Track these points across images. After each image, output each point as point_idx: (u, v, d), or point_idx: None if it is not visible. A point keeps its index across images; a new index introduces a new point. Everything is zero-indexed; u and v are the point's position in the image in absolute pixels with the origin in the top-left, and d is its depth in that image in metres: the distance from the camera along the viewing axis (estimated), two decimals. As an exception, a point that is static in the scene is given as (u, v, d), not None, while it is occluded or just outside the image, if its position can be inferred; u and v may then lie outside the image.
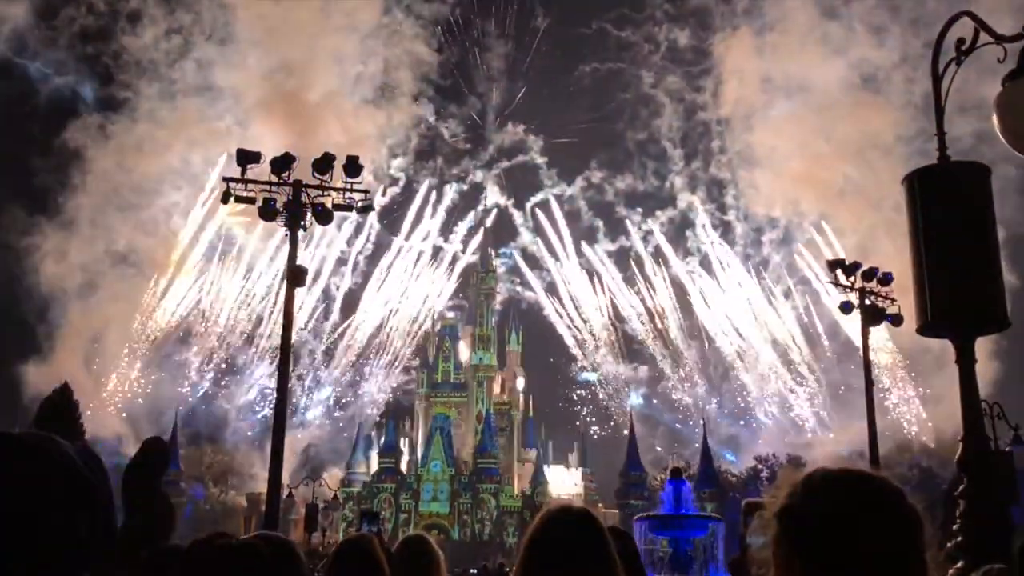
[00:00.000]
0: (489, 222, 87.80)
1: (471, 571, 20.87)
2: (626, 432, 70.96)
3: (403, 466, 71.55)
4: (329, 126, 74.09)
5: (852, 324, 23.22)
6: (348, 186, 18.55)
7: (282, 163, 17.98)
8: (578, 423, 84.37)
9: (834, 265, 22.25)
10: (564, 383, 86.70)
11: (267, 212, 18.00)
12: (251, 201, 18.17)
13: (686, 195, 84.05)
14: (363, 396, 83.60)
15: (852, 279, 21.68)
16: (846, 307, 21.79)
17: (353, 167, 18.54)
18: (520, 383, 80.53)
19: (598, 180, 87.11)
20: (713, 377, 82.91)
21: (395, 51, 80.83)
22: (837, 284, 21.95)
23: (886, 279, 21.69)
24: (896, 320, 21.94)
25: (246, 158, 18.14)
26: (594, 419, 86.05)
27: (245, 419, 77.95)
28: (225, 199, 18.32)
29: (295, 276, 17.63)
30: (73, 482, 1.22)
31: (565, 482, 71.82)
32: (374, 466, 70.86)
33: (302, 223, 17.89)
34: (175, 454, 56.93)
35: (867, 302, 21.58)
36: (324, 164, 18.16)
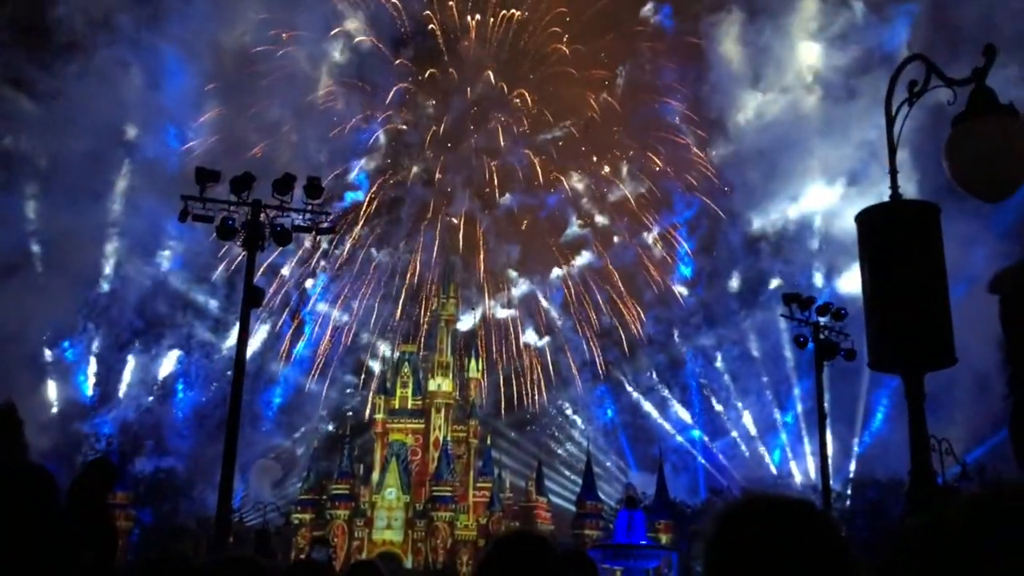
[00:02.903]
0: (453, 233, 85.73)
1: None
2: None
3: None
4: (284, 109, 72.27)
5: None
6: (308, 206, 18.48)
7: (242, 183, 17.86)
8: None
9: (789, 299, 22.62)
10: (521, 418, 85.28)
11: (225, 232, 17.85)
12: (209, 220, 18.01)
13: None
14: (312, 418, 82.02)
15: (807, 314, 22.07)
16: (801, 340, 22.15)
17: (314, 188, 18.52)
18: (478, 408, 79.87)
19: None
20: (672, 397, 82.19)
21: (358, 24, 78.11)
22: (791, 318, 22.29)
23: (840, 314, 22.11)
24: (849, 355, 22.31)
25: (205, 177, 18.00)
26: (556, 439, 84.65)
27: (188, 434, 74.57)
28: (183, 217, 18.13)
29: (252, 297, 17.46)
30: (23, 502, 1.19)
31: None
32: (326, 491, 69.79)
33: (260, 243, 17.75)
34: (121, 475, 55.23)
35: (821, 336, 21.95)
36: (284, 185, 18.06)
